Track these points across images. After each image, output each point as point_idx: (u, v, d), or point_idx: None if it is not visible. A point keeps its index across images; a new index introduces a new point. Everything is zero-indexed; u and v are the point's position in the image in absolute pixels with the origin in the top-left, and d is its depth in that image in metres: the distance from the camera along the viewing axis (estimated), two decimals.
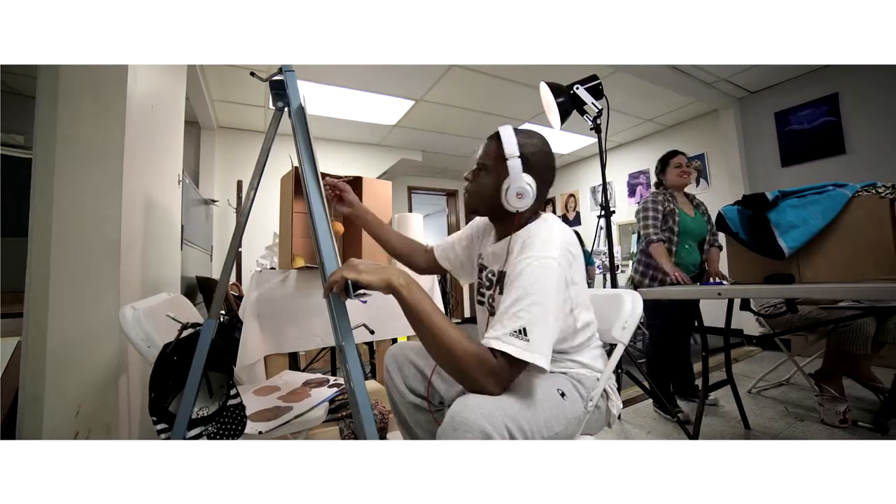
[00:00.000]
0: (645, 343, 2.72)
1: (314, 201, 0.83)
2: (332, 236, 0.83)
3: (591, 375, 0.87)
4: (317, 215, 0.82)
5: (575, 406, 0.81)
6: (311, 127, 0.84)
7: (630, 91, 3.56)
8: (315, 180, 0.84)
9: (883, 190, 1.28)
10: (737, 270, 1.56)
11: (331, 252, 0.80)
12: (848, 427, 1.82)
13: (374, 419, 1.32)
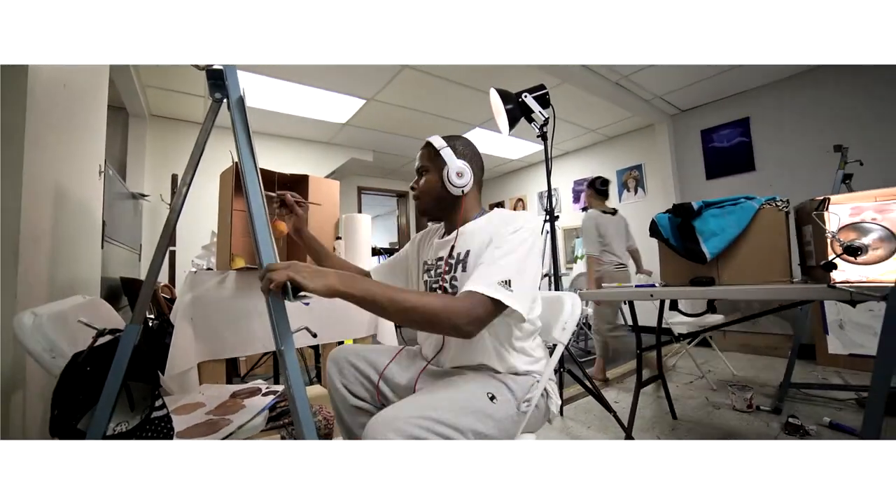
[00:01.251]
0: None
1: (253, 199, 0.79)
2: (272, 236, 0.79)
3: (526, 379, 0.90)
4: (256, 214, 0.78)
5: (506, 407, 0.83)
6: (254, 121, 0.80)
7: (576, 102, 3.75)
8: (254, 177, 0.80)
9: (780, 204, 1.45)
10: (667, 273, 1.68)
11: (270, 252, 0.76)
12: (753, 411, 2.06)
13: (319, 425, 1.27)
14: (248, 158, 0.82)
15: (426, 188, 1.01)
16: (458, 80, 3.28)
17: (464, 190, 0.96)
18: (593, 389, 1.85)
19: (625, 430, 1.70)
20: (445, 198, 0.98)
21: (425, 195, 1.01)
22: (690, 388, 2.56)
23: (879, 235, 1.20)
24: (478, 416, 0.78)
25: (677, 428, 1.94)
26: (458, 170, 0.95)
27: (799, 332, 2.24)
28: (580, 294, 1.79)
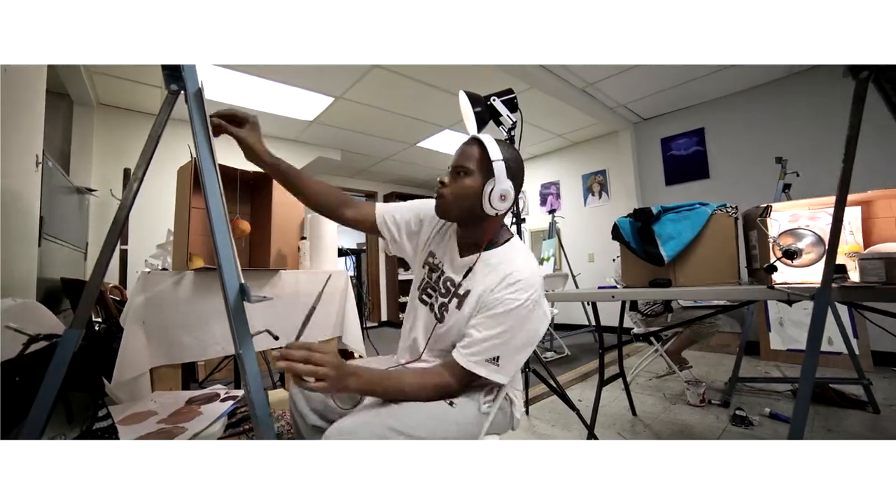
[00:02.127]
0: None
1: (212, 197, 0.75)
2: (231, 236, 0.76)
3: (485, 384, 0.89)
4: (214, 212, 0.75)
5: (466, 409, 0.84)
6: None
7: (543, 107, 3.83)
8: (213, 174, 0.76)
9: (730, 210, 1.55)
10: (628, 275, 1.75)
11: (229, 254, 0.73)
12: (705, 405, 2.18)
13: (281, 430, 1.23)
14: (207, 154, 0.78)
15: (461, 193, 0.87)
16: (428, 81, 3.28)
17: (499, 211, 0.86)
18: (557, 389, 1.89)
19: (587, 427, 1.75)
20: (476, 211, 0.87)
21: (456, 200, 0.88)
22: (649, 385, 2.67)
23: (811, 241, 1.30)
24: (438, 422, 0.78)
25: (636, 424, 2.02)
26: (503, 192, 0.84)
27: (746, 330, 2.38)
28: (546, 295, 1.83)
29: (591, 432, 1.73)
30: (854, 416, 2.01)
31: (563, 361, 3.39)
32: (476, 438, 0.85)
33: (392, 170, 5.76)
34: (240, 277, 0.75)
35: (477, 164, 0.87)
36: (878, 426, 1.89)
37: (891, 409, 2.09)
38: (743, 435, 1.82)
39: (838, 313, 2.23)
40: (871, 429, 1.86)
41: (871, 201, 1.46)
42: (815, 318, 0.99)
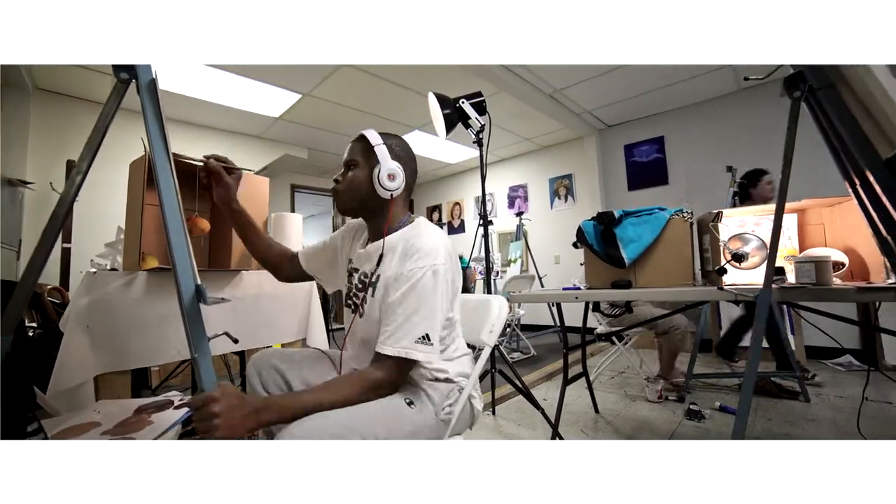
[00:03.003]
0: None
1: (166, 195, 0.72)
2: (187, 234, 0.72)
3: (447, 386, 0.89)
4: (169, 211, 0.71)
5: (426, 414, 0.83)
6: (175, 108, 0.74)
7: (512, 111, 3.89)
8: (167, 170, 0.73)
9: (686, 215, 1.63)
10: (591, 277, 1.80)
11: (184, 252, 0.70)
12: (663, 401, 2.29)
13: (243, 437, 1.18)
14: (161, 149, 0.74)
15: (352, 184, 0.92)
16: (397, 81, 3.26)
17: (393, 194, 0.89)
18: (523, 389, 1.92)
19: (552, 426, 1.79)
20: (372, 199, 0.91)
21: (350, 192, 0.93)
22: (612, 383, 2.77)
23: (756, 245, 1.39)
24: (395, 422, 0.78)
25: (599, 420, 2.09)
26: (390, 171, 0.88)
27: (700, 329, 2.52)
28: (511, 297, 1.85)
29: (556, 431, 1.77)
30: (789, 406, 2.17)
31: (529, 361, 3.45)
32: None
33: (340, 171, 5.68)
34: (196, 278, 0.71)
35: (362, 155, 0.92)
36: (809, 413, 2.07)
37: (819, 398, 2.29)
38: (695, 428, 1.92)
39: (779, 312, 2.40)
40: (803, 416, 2.03)
41: (805, 209, 1.58)
42: (757, 317, 1.06)
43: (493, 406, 2.24)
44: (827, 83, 0.91)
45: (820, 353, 3.08)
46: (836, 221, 1.51)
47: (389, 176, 0.88)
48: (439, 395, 0.87)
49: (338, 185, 0.95)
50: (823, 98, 0.92)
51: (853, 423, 1.87)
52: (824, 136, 1.00)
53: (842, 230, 1.49)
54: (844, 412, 2.06)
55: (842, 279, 1.40)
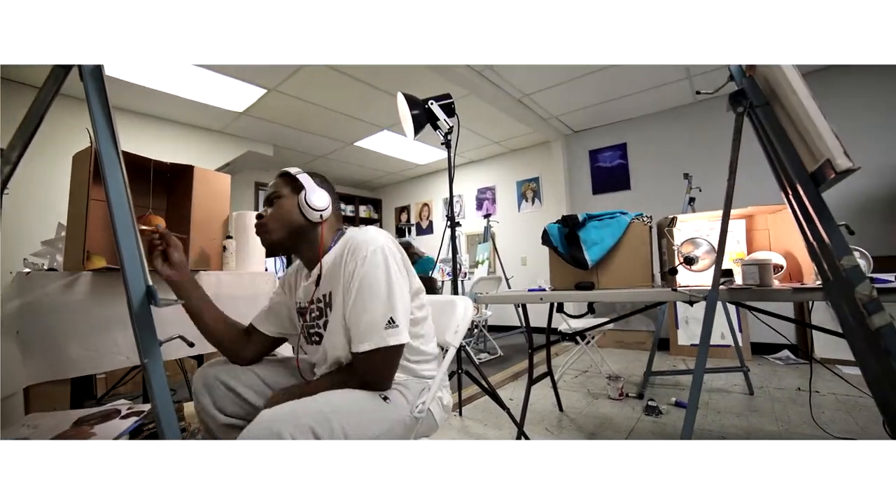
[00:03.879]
0: None
1: (113, 189, 0.68)
2: (137, 233, 0.69)
3: (419, 383, 0.91)
4: (117, 205, 0.67)
5: (400, 410, 0.84)
6: (130, 98, 0.70)
7: (481, 114, 3.94)
8: (115, 164, 0.69)
9: (645, 219, 1.70)
10: (555, 278, 1.85)
11: (133, 251, 0.66)
12: (623, 398, 2.38)
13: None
14: (108, 141, 0.70)
15: (279, 213, 0.90)
16: (366, 80, 3.22)
17: (322, 215, 0.89)
18: (489, 389, 1.95)
19: (517, 425, 1.82)
20: (301, 227, 0.90)
21: (277, 221, 0.91)
22: (575, 381, 2.84)
23: (706, 249, 1.47)
24: (370, 416, 0.79)
25: (563, 419, 2.14)
26: (318, 192, 0.90)
27: (658, 328, 2.63)
28: (478, 298, 1.87)
29: (521, 430, 1.80)
30: (735, 398, 2.32)
31: (496, 362, 3.50)
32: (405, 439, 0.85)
33: (328, 169, 5.58)
34: (146, 279, 0.68)
35: (286, 186, 0.93)
36: (753, 405, 2.21)
37: (761, 390, 2.46)
38: (653, 423, 2.00)
39: (728, 311, 2.55)
40: (748, 408, 2.16)
41: (752, 215, 1.69)
42: (705, 316, 1.12)
43: (459, 407, 2.25)
44: (764, 101, 0.98)
45: (762, 348, 3.30)
46: (778, 227, 1.63)
47: (318, 196, 0.90)
48: (412, 392, 0.88)
49: (262, 220, 0.92)
50: (761, 114, 0.98)
51: (790, 413, 2.02)
52: (763, 148, 1.07)
53: (783, 235, 1.60)
54: (782, 402, 2.22)
55: (781, 281, 1.50)
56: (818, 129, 0.83)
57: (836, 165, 0.78)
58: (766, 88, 1.03)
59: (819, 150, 0.85)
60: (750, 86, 1.05)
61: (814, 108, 0.84)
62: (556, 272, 1.85)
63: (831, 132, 0.81)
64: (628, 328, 3.91)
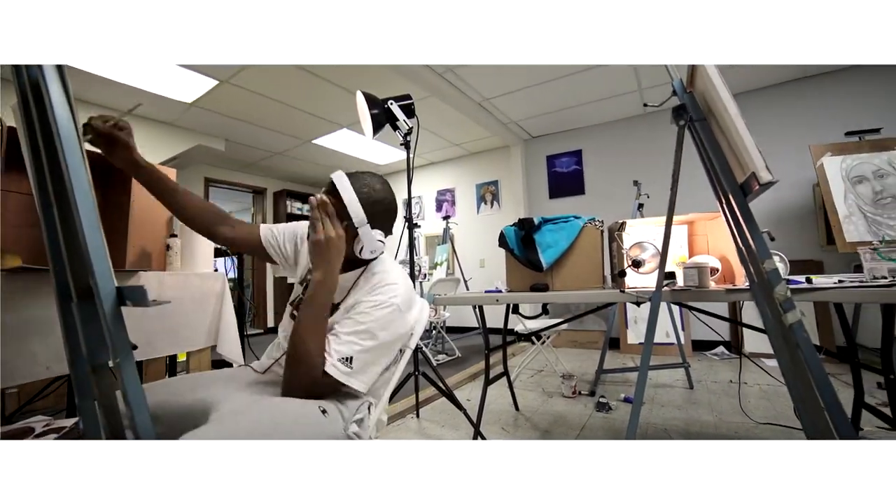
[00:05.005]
0: None
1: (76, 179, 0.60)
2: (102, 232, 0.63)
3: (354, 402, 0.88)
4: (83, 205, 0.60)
5: (335, 425, 0.81)
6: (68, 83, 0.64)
7: (441, 116, 3.95)
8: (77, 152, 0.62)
9: (597, 223, 1.77)
10: (512, 280, 1.89)
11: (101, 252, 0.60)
12: (576, 396, 2.47)
13: None
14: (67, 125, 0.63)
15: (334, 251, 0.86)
16: (325, 76, 3.15)
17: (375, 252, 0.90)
18: (446, 390, 1.95)
19: (473, 425, 1.84)
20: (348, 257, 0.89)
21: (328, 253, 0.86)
22: (531, 381, 2.92)
23: (652, 253, 1.55)
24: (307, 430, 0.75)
25: (519, 418, 2.19)
26: (373, 247, 0.88)
27: (609, 327, 2.75)
28: (436, 299, 1.88)
29: (477, 430, 1.82)
30: (677, 392, 2.47)
31: (454, 363, 3.52)
32: None
33: (285, 166, 5.39)
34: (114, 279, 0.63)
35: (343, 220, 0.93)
36: (692, 398, 2.37)
37: (700, 384, 2.64)
38: (604, 418, 2.09)
39: (672, 311, 2.72)
40: (688, 401, 2.32)
41: (693, 221, 1.81)
42: (649, 316, 1.19)
43: (417, 409, 2.24)
44: (702, 116, 1.06)
45: (702, 345, 3.54)
46: (714, 232, 1.75)
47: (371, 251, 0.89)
48: (348, 410, 0.85)
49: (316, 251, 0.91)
50: (700, 128, 1.06)
51: (723, 404, 2.18)
52: (701, 159, 1.15)
53: (719, 240, 1.72)
54: (717, 394, 2.40)
55: (716, 282, 1.62)
56: (745, 144, 0.90)
57: (760, 178, 0.85)
58: (703, 105, 1.11)
59: (747, 164, 0.92)
60: (690, 101, 1.12)
61: (742, 125, 0.91)
62: (512, 274, 1.89)
63: (756, 147, 0.89)
64: (582, 328, 4.06)
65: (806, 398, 0.89)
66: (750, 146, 0.89)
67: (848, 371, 1.64)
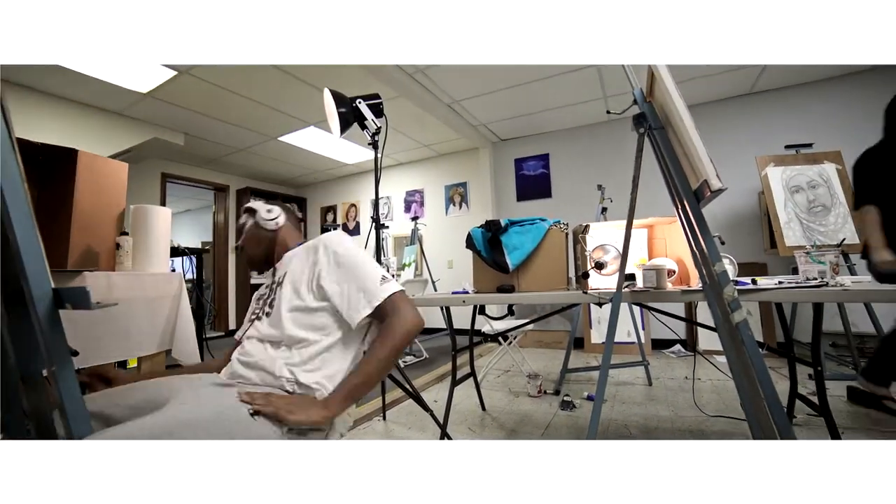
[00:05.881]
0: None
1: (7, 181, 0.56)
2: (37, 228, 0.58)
3: (305, 392, 0.85)
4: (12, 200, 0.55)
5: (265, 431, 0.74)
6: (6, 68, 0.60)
7: (411, 117, 3.94)
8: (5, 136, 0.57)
9: (562, 226, 1.83)
10: (478, 281, 1.91)
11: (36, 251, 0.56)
12: (542, 395, 2.52)
13: None
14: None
15: (248, 235, 1.11)
16: (292, 72, 3.07)
17: (277, 222, 1.09)
18: (412, 392, 1.95)
19: (440, 426, 1.84)
20: (265, 237, 1.10)
21: (250, 241, 1.11)
22: (498, 381, 2.96)
23: (614, 255, 1.62)
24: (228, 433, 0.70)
25: (485, 418, 2.21)
26: (267, 209, 1.11)
27: (573, 328, 2.84)
28: None
29: (444, 431, 1.82)
30: (637, 389, 2.58)
31: (421, 364, 3.51)
32: None
33: (249, 163, 5.21)
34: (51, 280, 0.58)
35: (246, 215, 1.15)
36: (651, 394, 2.48)
37: (658, 381, 2.77)
38: (568, 416, 2.15)
39: (633, 311, 2.83)
40: (647, 397, 2.42)
41: (653, 225, 1.89)
42: (610, 316, 1.24)
43: (383, 411, 2.22)
44: (660, 125, 1.11)
45: (660, 344, 3.72)
46: (672, 236, 1.84)
47: (267, 210, 1.10)
48: None
49: (239, 244, 1.14)
50: (658, 136, 1.11)
51: (678, 399, 2.29)
52: (659, 165, 1.21)
53: (676, 243, 1.81)
54: (673, 390, 2.52)
55: (673, 284, 1.70)
56: (698, 152, 0.95)
57: (711, 185, 0.91)
58: (662, 114, 1.17)
59: (699, 171, 0.98)
60: (649, 110, 1.18)
61: (695, 135, 0.97)
62: (479, 275, 1.91)
63: (707, 156, 0.94)
64: (547, 328, 4.15)
65: (749, 391, 0.95)
66: (702, 155, 0.95)
67: (786, 364, 1.76)
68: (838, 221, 2.73)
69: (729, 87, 3.59)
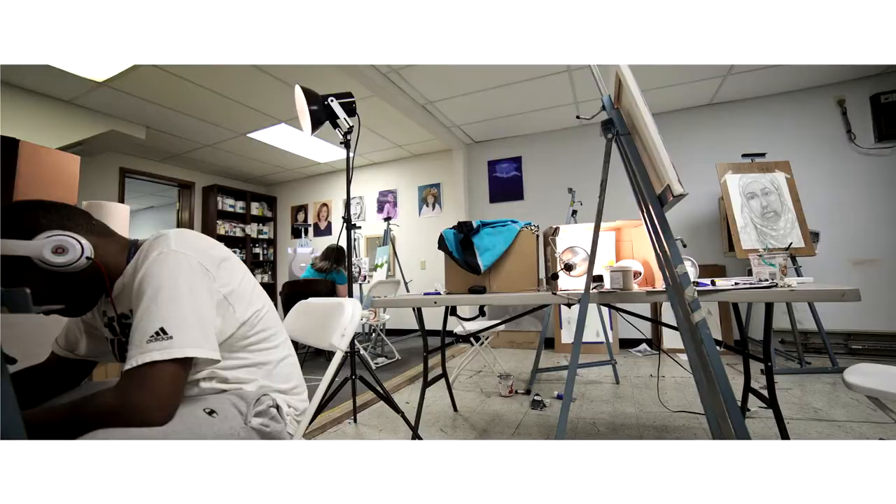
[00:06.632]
0: None
1: None
2: None
3: (254, 392, 0.81)
4: None
5: (230, 421, 0.73)
6: None
7: (385, 116, 3.91)
8: None
9: (533, 228, 1.85)
10: (450, 282, 1.91)
11: None
12: (513, 395, 2.55)
13: None
14: None
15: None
16: (262, 67, 2.98)
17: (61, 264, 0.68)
18: (383, 393, 1.93)
19: (411, 427, 1.83)
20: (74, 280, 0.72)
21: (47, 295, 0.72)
22: (469, 382, 2.97)
23: (583, 257, 1.65)
24: (197, 433, 0.67)
25: (457, 418, 2.21)
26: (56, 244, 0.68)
27: (544, 328, 2.88)
28: (374, 301, 1.85)
29: (415, 432, 1.81)
30: (605, 388, 2.64)
31: (393, 366, 3.48)
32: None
33: (216, 159, 5.02)
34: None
35: None
36: (618, 392, 2.55)
37: (625, 379, 2.85)
38: (538, 415, 2.18)
39: (601, 312, 2.91)
40: (614, 395, 2.49)
41: (620, 228, 1.95)
42: (578, 317, 1.26)
43: (354, 413, 2.18)
44: (626, 131, 1.15)
45: (627, 343, 3.84)
46: (638, 239, 1.90)
47: (56, 249, 0.67)
48: (245, 402, 0.78)
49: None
50: (624, 141, 1.15)
51: (644, 396, 2.37)
52: (626, 170, 1.25)
53: (641, 246, 1.88)
54: (639, 388, 2.61)
55: (639, 285, 1.76)
56: (662, 159, 0.99)
57: (673, 190, 0.94)
58: (628, 120, 1.21)
59: (663, 176, 1.02)
60: (617, 117, 1.21)
61: (659, 142, 1.01)
62: (451, 276, 1.91)
63: (671, 163, 0.98)
64: (519, 329, 4.21)
65: (707, 386, 1.00)
66: (666, 161, 0.98)
67: (741, 361, 1.86)
68: (787, 226, 2.91)
69: (691, 97, 3.75)
